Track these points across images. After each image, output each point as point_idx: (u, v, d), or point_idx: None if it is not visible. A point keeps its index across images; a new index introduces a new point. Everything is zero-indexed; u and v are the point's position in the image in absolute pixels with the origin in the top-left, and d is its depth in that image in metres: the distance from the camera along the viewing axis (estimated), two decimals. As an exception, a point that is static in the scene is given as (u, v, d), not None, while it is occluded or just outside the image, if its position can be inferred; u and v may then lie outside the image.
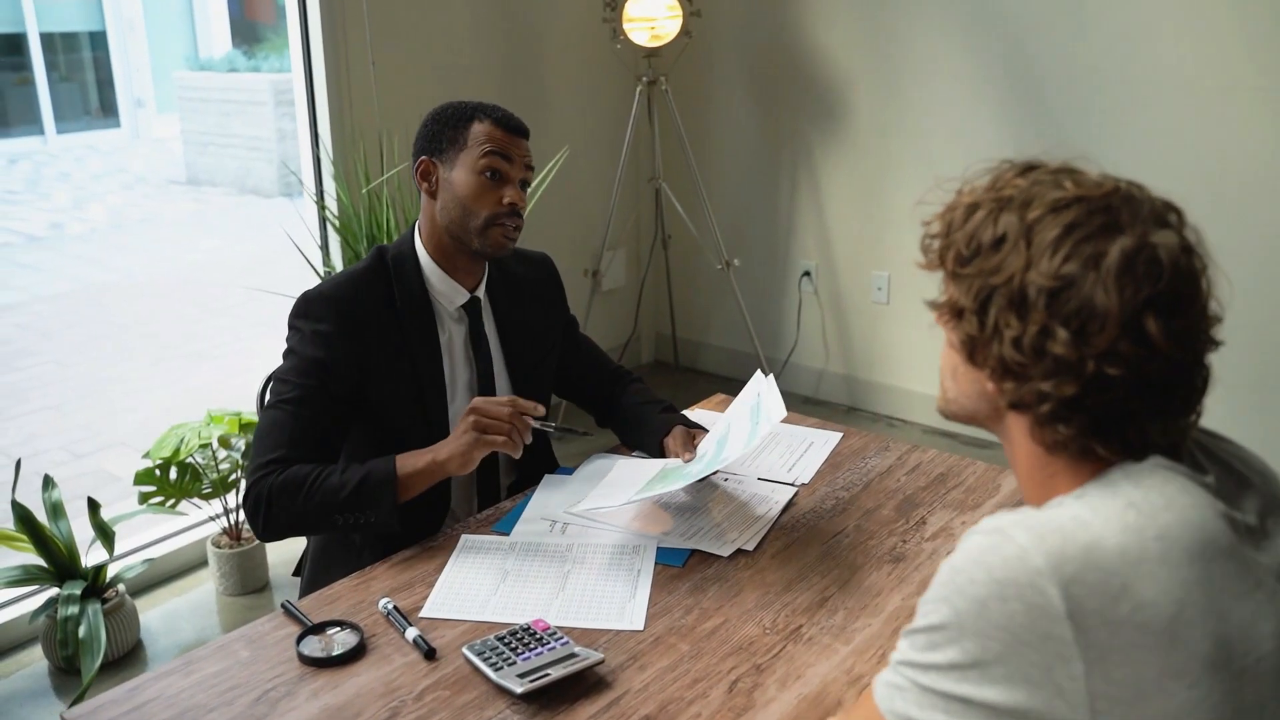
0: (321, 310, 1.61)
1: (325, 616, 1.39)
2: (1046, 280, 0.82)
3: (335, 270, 3.09)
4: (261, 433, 1.58)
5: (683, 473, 1.60)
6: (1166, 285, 0.80)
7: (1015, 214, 0.86)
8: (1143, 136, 3.10)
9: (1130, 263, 0.81)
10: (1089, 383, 0.82)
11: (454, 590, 1.44)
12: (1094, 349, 0.81)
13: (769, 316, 4.11)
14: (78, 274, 6.79)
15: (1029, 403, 0.87)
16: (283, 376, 1.61)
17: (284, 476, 1.52)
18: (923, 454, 1.84)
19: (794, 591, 1.42)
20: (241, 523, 2.87)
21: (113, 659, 2.56)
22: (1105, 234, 0.82)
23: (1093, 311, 0.81)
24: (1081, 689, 0.77)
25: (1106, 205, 0.84)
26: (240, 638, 1.35)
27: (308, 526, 1.57)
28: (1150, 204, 0.85)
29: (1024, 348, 0.84)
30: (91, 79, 11.88)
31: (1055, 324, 0.82)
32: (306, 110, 3.15)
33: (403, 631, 1.34)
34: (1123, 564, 0.77)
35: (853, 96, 3.68)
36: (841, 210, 3.82)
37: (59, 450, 3.95)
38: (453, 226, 1.66)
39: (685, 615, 1.37)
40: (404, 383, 1.66)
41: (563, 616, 1.37)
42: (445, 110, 1.69)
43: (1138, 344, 0.80)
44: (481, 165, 1.64)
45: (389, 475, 1.52)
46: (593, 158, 3.89)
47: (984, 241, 0.87)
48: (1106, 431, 0.84)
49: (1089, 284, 0.81)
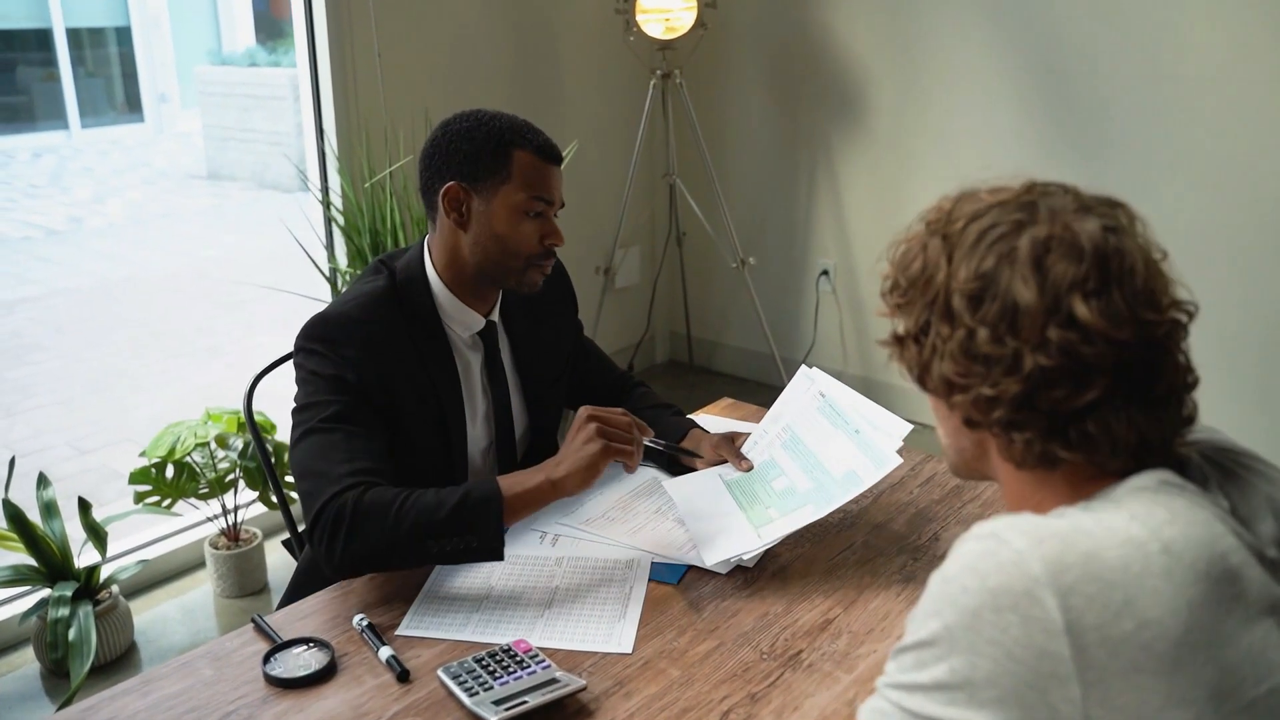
0: (343, 333, 1.46)
1: (297, 633, 1.31)
2: (967, 284, 0.83)
3: (339, 268, 3.03)
4: (309, 459, 1.40)
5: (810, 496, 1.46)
6: (1090, 267, 0.79)
7: (939, 235, 0.87)
8: (1172, 134, 2.99)
9: (1045, 249, 0.80)
10: (1030, 378, 0.80)
11: (434, 607, 1.36)
12: (1025, 341, 0.80)
13: (786, 316, 4.01)
14: (94, 269, 6.79)
15: (981, 414, 0.85)
16: (310, 400, 1.44)
17: (368, 496, 1.34)
18: (937, 464, 1.74)
19: (795, 613, 1.33)
20: (241, 523, 2.81)
21: (105, 662, 2.51)
22: (1018, 229, 0.82)
23: (1015, 304, 0.80)
24: (1078, 714, 0.72)
25: (1022, 204, 0.84)
26: (205, 655, 1.28)
27: (394, 555, 1.35)
28: (1076, 199, 0.84)
29: (958, 355, 0.84)
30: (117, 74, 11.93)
31: (979, 325, 0.82)
32: (311, 103, 3.08)
33: (376, 651, 1.26)
34: (1125, 577, 0.73)
35: (873, 92, 3.59)
36: (861, 208, 3.73)
37: (64, 446, 3.91)
38: (486, 264, 1.52)
39: (677, 637, 1.29)
40: (428, 413, 1.53)
41: (547, 637, 1.29)
42: (477, 131, 1.49)
43: (1068, 328, 0.79)
44: (529, 206, 1.50)
45: (493, 493, 1.35)
46: (605, 152, 3.81)
47: (915, 270, 0.88)
48: (1064, 431, 0.82)
49: (1006, 278, 0.81)
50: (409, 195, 2.95)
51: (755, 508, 1.49)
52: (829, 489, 1.45)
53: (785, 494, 1.49)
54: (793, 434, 1.56)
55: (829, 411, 1.54)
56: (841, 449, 1.48)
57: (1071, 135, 3.17)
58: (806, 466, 1.50)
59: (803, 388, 1.59)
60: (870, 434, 1.47)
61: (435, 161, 1.52)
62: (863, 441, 1.47)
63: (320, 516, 1.34)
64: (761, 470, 1.54)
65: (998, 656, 0.73)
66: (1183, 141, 2.99)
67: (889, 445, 1.44)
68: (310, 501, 1.36)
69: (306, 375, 1.47)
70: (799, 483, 1.49)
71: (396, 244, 2.89)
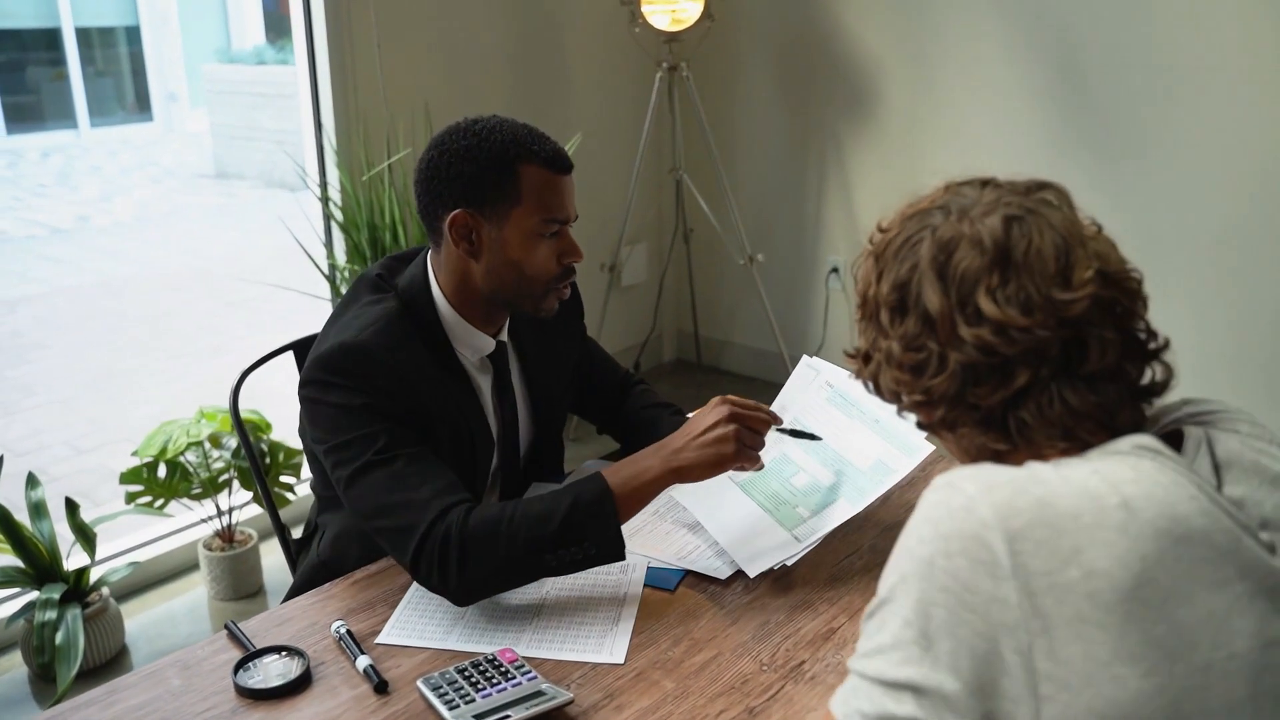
0: (367, 364, 1.34)
1: (273, 639, 1.25)
2: (888, 297, 0.87)
3: (338, 264, 2.96)
4: (380, 494, 1.29)
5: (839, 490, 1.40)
6: (991, 261, 0.81)
7: (873, 255, 0.90)
8: (1197, 127, 2.91)
9: (948, 251, 0.83)
10: (956, 377, 0.83)
11: (417, 612, 1.29)
12: (943, 343, 0.83)
13: (795, 314, 3.94)
14: (99, 267, 6.75)
15: (926, 417, 0.89)
16: (350, 436, 1.32)
17: (473, 518, 1.25)
18: (949, 464, 1.66)
19: (797, 621, 1.26)
20: (235, 525, 2.75)
21: (95, 666, 2.45)
22: (921, 236, 0.85)
23: (927, 310, 0.84)
24: (1026, 665, 0.72)
25: (933, 209, 0.87)
26: (174, 663, 1.22)
27: (513, 574, 1.27)
28: (993, 191, 0.86)
29: (893, 365, 0.87)
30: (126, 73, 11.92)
31: (903, 334, 0.86)
32: (309, 97, 3.02)
33: (353, 660, 1.19)
34: (1076, 525, 0.73)
35: (884, 86, 3.51)
36: (871, 204, 3.65)
37: (61, 445, 3.86)
38: (503, 291, 1.42)
39: (673, 647, 1.22)
40: (459, 440, 1.44)
41: (535, 646, 1.22)
42: (478, 150, 1.36)
43: (978, 325, 0.81)
44: (545, 228, 1.38)
45: (603, 493, 1.27)
46: (610, 147, 3.73)
47: (859, 291, 0.92)
48: (1002, 422, 0.84)
49: (917, 284, 0.84)
50: (408, 190, 2.89)
51: (782, 509, 1.42)
52: (858, 482, 1.38)
53: (810, 491, 1.42)
54: (803, 426, 1.49)
55: (840, 402, 1.47)
56: (864, 439, 1.41)
57: (1087, 131, 3.09)
58: (827, 460, 1.43)
59: (807, 379, 1.52)
60: (892, 421, 1.40)
61: (435, 185, 1.39)
62: (886, 430, 1.40)
63: (423, 548, 1.25)
64: (775, 468, 1.46)
65: (950, 605, 0.74)
66: (1199, 138, 2.90)
67: (916, 432, 1.38)
68: (403, 537, 1.26)
69: (333, 410, 1.34)
70: (822, 477, 1.42)
71: (396, 240, 2.82)
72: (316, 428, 1.37)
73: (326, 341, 1.39)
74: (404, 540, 1.26)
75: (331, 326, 1.45)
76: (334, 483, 1.36)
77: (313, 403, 1.37)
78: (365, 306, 1.43)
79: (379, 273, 1.51)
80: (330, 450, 1.34)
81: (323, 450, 1.36)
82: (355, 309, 1.44)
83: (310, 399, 1.38)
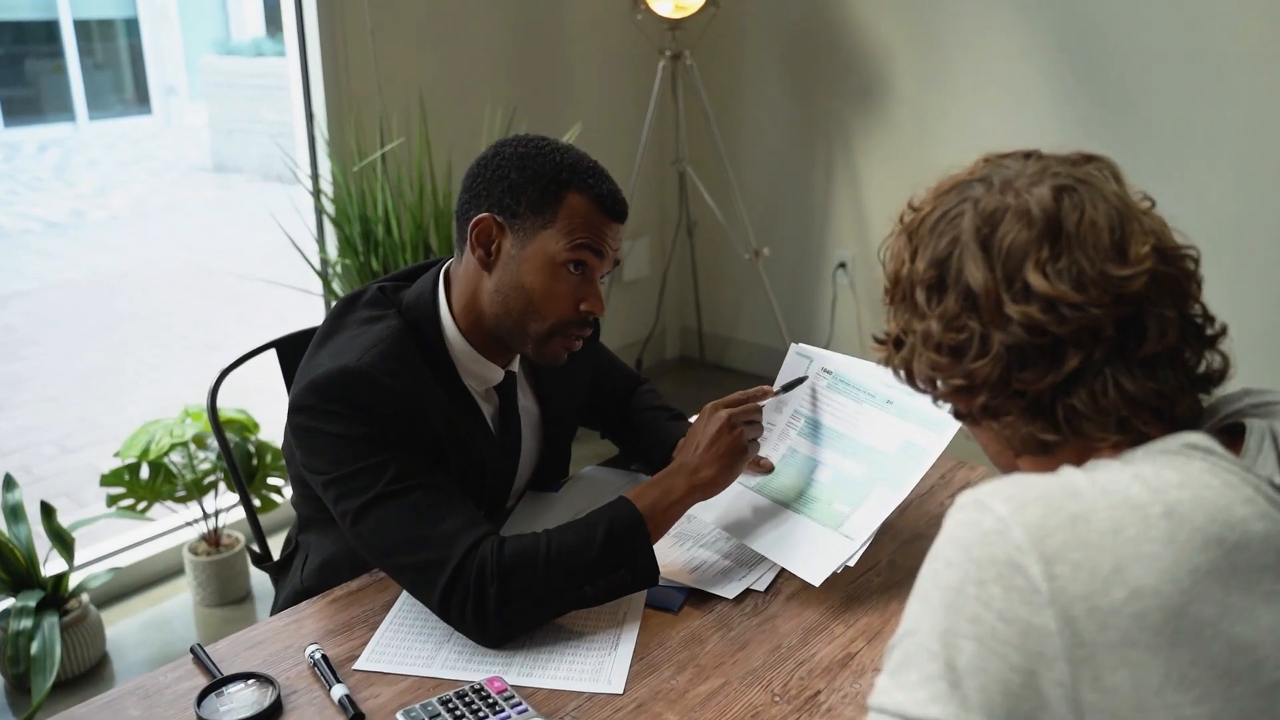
0: (369, 392, 1.21)
1: (243, 664, 1.15)
2: (925, 274, 0.81)
3: (329, 259, 2.86)
4: (396, 529, 1.18)
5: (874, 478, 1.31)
6: (1040, 233, 0.75)
7: (906, 233, 0.85)
8: (1207, 115, 2.81)
9: (992, 223, 0.77)
10: (1000, 360, 0.77)
11: (399, 636, 1.19)
12: (986, 322, 0.77)
13: (801, 310, 3.84)
14: (94, 262, 6.65)
15: (965, 405, 0.82)
16: (353, 467, 1.20)
17: (508, 550, 1.16)
18: (971, 471, 1.56)
19: (812, 646, 1.16)
20: (222, 528, 2.65)
21: (74, 676, 2.35)
22: (961, 209, 0.80)
23: (969, 286, 0.77)
24: (1068, 698, 0.66)
25: (974, 181, 0.82)
26: (134, 691, 1.12)
27: (552, 608, 1.19)
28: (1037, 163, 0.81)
29: (930, 349, 0.81)
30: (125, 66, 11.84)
31: (942, 314, 0.79)
32: (300, 84, 2.92)
33: (328, 689, 1.10)
34: (1116, 542, 0.67)
35: (894, 75, 3.41)
36: (880, 197, 3.56)
37: (48, 444, 3.77)
38: (505, 319, 1.29)
39: (676, 675, 1.12)
40: (469, 471, 1.33)
41: (526, 674, 1.12)
42: (532, 160, 1.26)
43: (1026, 301, 0.75)
44: (569, 256, 1.25)
45: (636, 517, 1.21)
46: (611, 137, 3.63)
47: (891, 271, 0.86)
48: (1050, 410, 0.77)
49: (958, 260, 0.78)
50: (402, 182, 2.78)
51: (815, 507, 1.32)
52: (891, 467, 1.29)
53: (840, 484, 1.32)
54: (807, 420, 1.39)
55: (843, 387, 1.37)
56: (881, 423, 1.32)
57: (1104, 118, 2.99)
58: (847, 450, 1.34)
59: (800, 369, 1.42)
60: (906, 400, 1.31)
61: (476, 184, 1.28)
62: (903, 409, 1.31)
63: (456, 585, 1.15)
64: (789, 466, 1.36)
65: (982, 636, 0.67)
66: (1218, 123, 2.80)
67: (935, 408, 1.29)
68: (430, 575, 1.16)
69: (333, 440, 1.22)
70: (848, 468, 1.32)
71: (389, 233, 2.72)
72: (313, 457, 1.25)
73: (320, 364, 1.25)
74: (431, 578, 1.16)
75: (323, 345, 1.31)
76: (338, 518, 1.24)
77: (307, 431, 1.24)
78: (363, 325, 1.30)
79: (382, 286, 1.38)
80: (332, 483, 1.22)
81: (322, 482, 1.24)
82: (352, 327, 1.31)
83: (305, 427, 1.25)
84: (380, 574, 1.30)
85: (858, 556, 1.24)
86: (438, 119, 2.94)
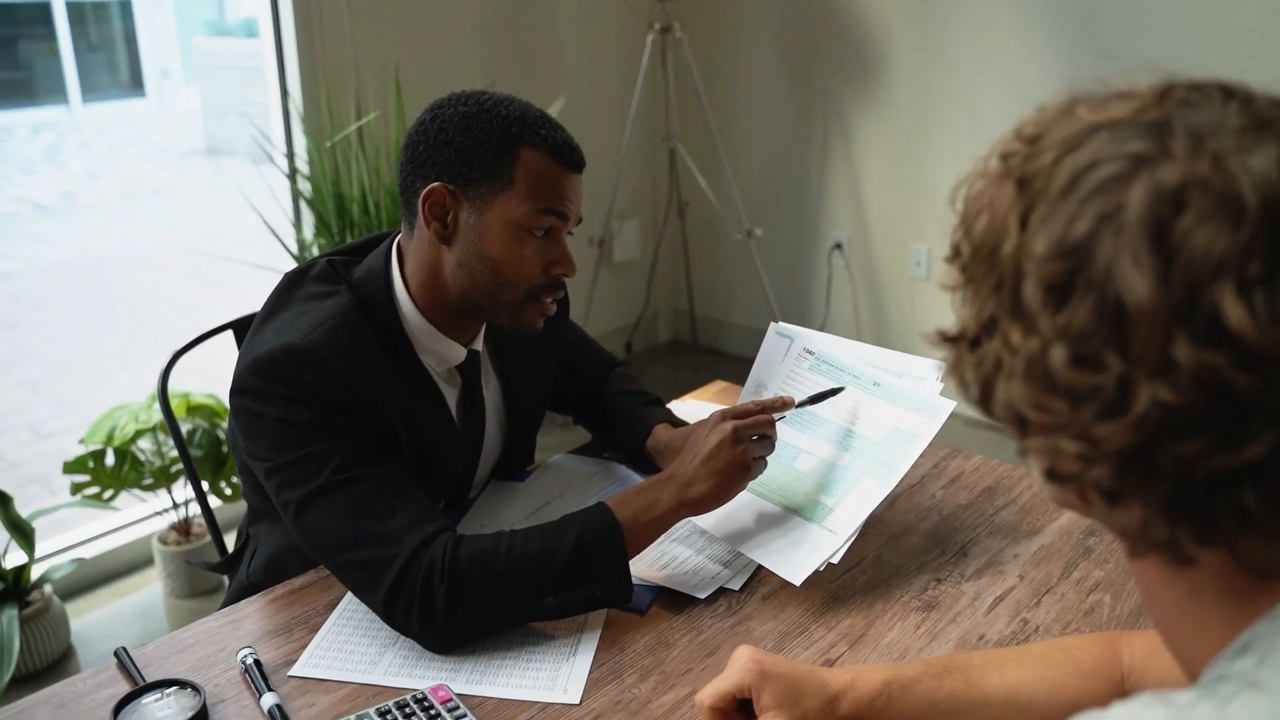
0: (313, 372, 1.12)
1: (172, 669, 1.06)
2: (1045, 265, 0.52)
3: (305, 240, 2.76)
4: (340, 522, 1.09)
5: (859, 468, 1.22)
6: (1254, 236, 0.47)
7: (1014, 178, 0.55)
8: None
9: (1175, 206, 0.49)
10: (1146, 424, 0.49)
11: (342, 639, 1.10)
12: (1137, 363, 0.49)
13: (796, 292, 3.74)
14: (80, 245, 6.56)
15: (1070, 470, 0.54)
16: (295, 455, 1.11)
17: (463, 550, 1.07)
18: (965, 460, 1.47)
19: (789, 649, 1.07)
20: (192, 517, 2.56)
21: (37, 669, 2.28)
22: (1134, 170, 0.50)
23: (1120, 302, 0.49)
24: None
25: (1148, 125, 0.52)
26: (49, 700, 1.03)
27: (507, 617, 1.09)
28: (1243, 111, 0.51)
29: (1031, 379, 0.53)
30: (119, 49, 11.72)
31: (1062, 334, 0.51)
32: (274, 59, 2.82)
33: (258, 698, 1.00)
34: None
35: (893, 49, 3.31)
36: (878, 176, 3.46)
37: (24, 429, 3.68)
38: (473, 293, 1.21)
39: (639, 682, 1.02)
40: (426, 459, 1.24)
41: (476, 682, 1.03)
42: (476, 120, 1.16)
43: (1211, 344, 0.48)
44: (533, 222, 1.17)
45: (612, 527, 1.11)
46: (597, 113, 3.52)
47: (980, 230, 0.57)
48: (1205, 508, 0.50)
49: (1107, 254, 0.50)
50: (379, 159, 2.68)
51: (796, 499, 1.23)
52: (879, 456, 1.20)
53: (823, 474, 1.23)
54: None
55: (827, 369, 1.29)
56: (868, 407, 1.24)
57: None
58: (829, 437, 1.25)
59: (780, 349, 1.33)
60: (895, 382, 1.23)
61: (420, 153, 1.18)
62: (892, 392, 1.22)
63: (402, 585, 1.06)
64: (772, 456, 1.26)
65: None
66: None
67: (927, 389, 1.20)
68: (374, 574, 1.07)
69: (275, 425, 1.13)
70: (832, 457, 1.24)
71: (366, 213, 2.62)
72: (255, 443, 1.15)
73: (264, 342, 1.16)
74: (375, 577, 1.07)
75: (268, 322, 1.21)
76: (280, 509, 1.15)
77: (249, 414, 1.15)
78: (310, 300, 1.21)
79: (331, 259, 1.28)
80: (274, 471, 1.13)
81: (264, 470, 1.15)
82: (299, 303, 1.21)
83: (246, 410, 1.15)
84: (326, 570, 1.21)
85: (841, 553, 1.15)
86: (415, 93, 2.82)
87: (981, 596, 1.15)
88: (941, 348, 0.60)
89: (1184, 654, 0.60)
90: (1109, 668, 0.90)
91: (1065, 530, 1.28)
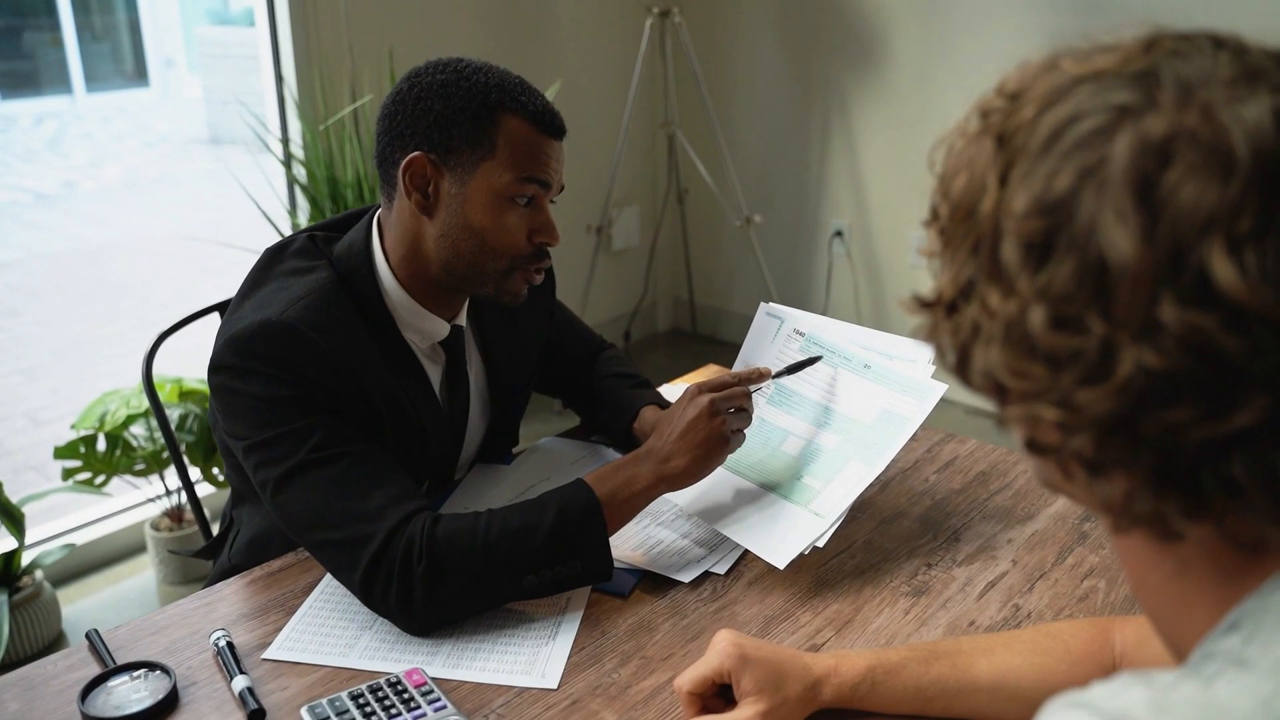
0: (293, 348, 1.10)
1: (144, 651, 1.05)
2: (1025, 223, 0.49)
3: (299, 225, 2.74)
4: (317, 501, 1.07)
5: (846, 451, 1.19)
6: (1245, 190, 0.45)
7: (993, 134, 0.53)
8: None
9: (1162, 159, 0.46)
10: (1130, 390, 0.47)
11: (318, 622, 1.08)
12: (1120, 325, 0.46)
13: (796, 280, 3.71)
14: (80, 233, 6.54)
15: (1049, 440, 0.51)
16: (274, 432, 1.09)
17: (441, 529, 1.05)
18: (960, 445, 1.44)
19: (775, 635, 1.05)
20: (187, 504, 2.54)
21: (27, 655, 2.26)
22: (1119, 121, 0.48)
23: (1103, 260, 0.46)
24: None
25: (1134, 75, 0.50)
26: (17, 682, 1.01)
27: (487, 596, 1.07)
28: (1234, 61, 0.49)
29: (1010, 343, 0.50)
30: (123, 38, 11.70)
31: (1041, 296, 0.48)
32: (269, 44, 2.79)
33: (230, 680, 0.98)
34: None
35: (894, 35, 3.27)
36: (879, 163, 3.42)
37: (20, 417, 3.66)
38: (457, 264, 1.18)
39: (619, 667, 1.00)
40: (408, 437, 1.22)
41: (452, 666, 1.01)
42: (455, 88, 1.14)
43: (1199, 304, 0.45)
44: (516, 190, 1.15)
45: (592, 503, 1.09)
46: (595, 98, 3.49)
47: (958, 190, 0.54)
48: (1192, 478, 0.48)
49: (1089, 211, 0.47)
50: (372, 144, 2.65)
51: (782, 482, 1.20)
52: (867, 439, 1.17)
53: (810, 456, 1.20)
54: (777, 386, 1.27)
55: (816, 351, 1.27)
56: (858, 389, 1.21)
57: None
58: (818, 419, 1.23)
59: (770, 330, 1.30)
60: (886, 365, 1.21)
61: (397, 123, 1.16)
62: (882, 375, 1.20)
63: (380, 565, 1.04)
64: (754, 436, 1.24)
65: None
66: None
67: (919, 372, 1.18)
68: (351, 553, 1.05)
69: (253, 402, 1.11)
70: (820, 439, 1.21)
71: (360, 196, 2.60)
72: (233, 421, 1.13)
73: (243, 318, 1.13)
74: (352, 556, 1.05)
75: (248, 297, 1.19)
76: (258, 488, 1.13)
77: (227, 392, 1.13)
78: (289, 276, 1.18)
79: (311, 234, 1.26)
80: (252, 449, 1.11)
81: (242, 448, 1.12)
82: (279, 278, 1.19)
83: (224, 387, 1.13)
84: (305, 553, 1.19)
85: (828, 537, 1.13)
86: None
87: (973, 582, 1.13)
88: (919, 314, 0.57)
89: (1172, 636, 0.57)
90: (1100, 653, 0.88)
91: (1060, 515, 1.25)
